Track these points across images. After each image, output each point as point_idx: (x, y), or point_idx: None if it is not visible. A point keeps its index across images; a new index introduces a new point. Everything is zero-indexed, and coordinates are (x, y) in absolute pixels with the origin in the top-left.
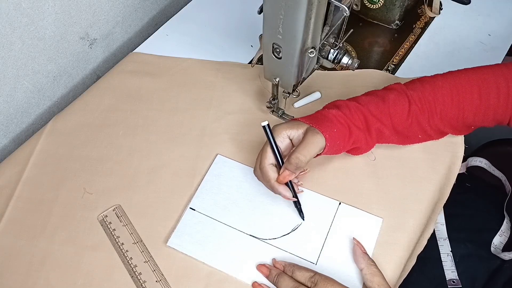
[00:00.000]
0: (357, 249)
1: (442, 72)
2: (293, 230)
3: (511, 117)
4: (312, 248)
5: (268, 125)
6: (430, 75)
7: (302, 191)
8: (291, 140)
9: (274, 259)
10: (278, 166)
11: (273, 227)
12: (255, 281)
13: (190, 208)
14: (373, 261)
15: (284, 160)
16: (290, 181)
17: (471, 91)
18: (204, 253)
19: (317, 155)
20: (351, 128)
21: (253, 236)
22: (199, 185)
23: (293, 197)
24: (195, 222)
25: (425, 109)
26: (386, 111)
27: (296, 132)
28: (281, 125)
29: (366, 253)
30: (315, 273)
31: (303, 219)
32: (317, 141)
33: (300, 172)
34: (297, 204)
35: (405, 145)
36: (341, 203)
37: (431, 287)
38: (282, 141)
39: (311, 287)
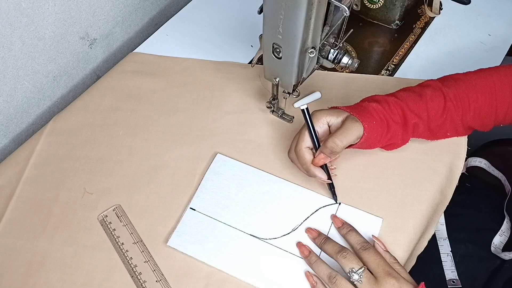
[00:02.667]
0: (378, 248)
1: (443, 72)
2: (293, 230)
3: None
4: (312, 248)
5: (307, 108)
6: (430, 74)
7: (336, 175)
8: (329, 126)
9: (308, 229)
10: (315, 149)
11: (274, 227)
12: (300, 241)
13: (190, 208)
14: (395, 259)
15: (321, 144)
16: (325, 164)
17: (503, 88)
18: (204, 253)
19: (351, 146)
20: (389, 123)
21: (253, 236)
22: (199, 185)
23: (328, 179)
24: (195, 222)
25: (459, 106)
26: (424, 107)
27: (335, 119)
28: (321, 111)
29: (387, 251)
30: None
31: (336, 201)
32: (356, 129)
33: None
34: (331, 187)
35: (433, 140)
36: (341, 203)
37: (431, 287)
38: (321, 127)
39: (340, 258)
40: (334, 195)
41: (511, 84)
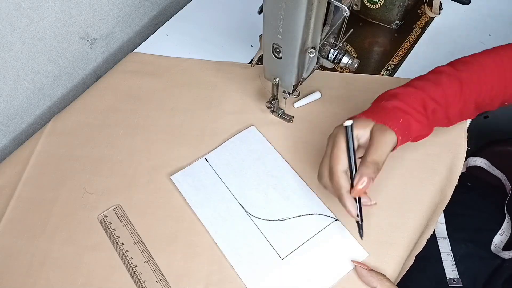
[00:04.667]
0: (362, 270)
1: None
2: (279, 220)
3: None
4: (288, 244)
5: (351, 125)
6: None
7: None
8: (358, 140)
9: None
10: (351, 171)
11: (264, 209)
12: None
13: (205, 158)
14: (383, 275)
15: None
16: (359, 198)
17: None
18: (194, 199)
19: None
20: (414, 116)
21: (242, 206)
22: (221, 144)
23: (357, 216)
24: (202, 171)
25: (473, 89)
26: (442, 94)
27: (363, 132)
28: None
29: (373, 270)
30: None
31: (362, 238)
32: (389, 139)
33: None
34: (360, 226)
35: (448, 127)
36: (337, 220)
37: (431, 286)
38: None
39: None
40: (360, 230)
41: None
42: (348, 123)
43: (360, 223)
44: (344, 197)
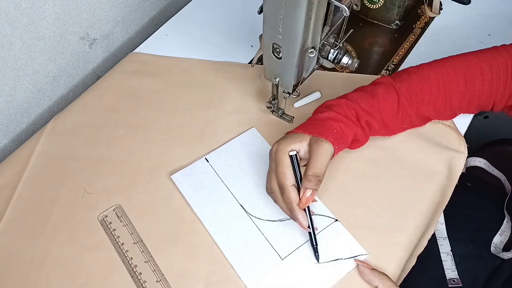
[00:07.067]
0: (364, 269)
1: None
2: (280, 220)
3: (495, 102)
4: (288, 245)
5: (296, 155)
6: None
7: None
8: (297, 153)
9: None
10: (299, 190)
11: (265, 209)
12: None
13: (205, 158)
14: (384, 275)
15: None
16: (309, 209)
17: (457, 79)
18: (195, 199)
19: None
20: (347, 124)
21: (242, 207)
22: (222, 145)
23: (309, 227)
24: (202, 171)
25: (413, 100)
26: (376, 106)
27: (300, 145)
28: (284, 142)
29: (375, 269)
30: None
31: (318, 260)
32: (326, 149)
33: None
34: (313, 238)
35: (391, 136)
36: (337, 220)
37: (431, 286)
38: (288, 158)
39: None
40: (316, 253)
41: (464, 74)
42: (292, 153)
43: (314, 240)
44: (295, 210)
